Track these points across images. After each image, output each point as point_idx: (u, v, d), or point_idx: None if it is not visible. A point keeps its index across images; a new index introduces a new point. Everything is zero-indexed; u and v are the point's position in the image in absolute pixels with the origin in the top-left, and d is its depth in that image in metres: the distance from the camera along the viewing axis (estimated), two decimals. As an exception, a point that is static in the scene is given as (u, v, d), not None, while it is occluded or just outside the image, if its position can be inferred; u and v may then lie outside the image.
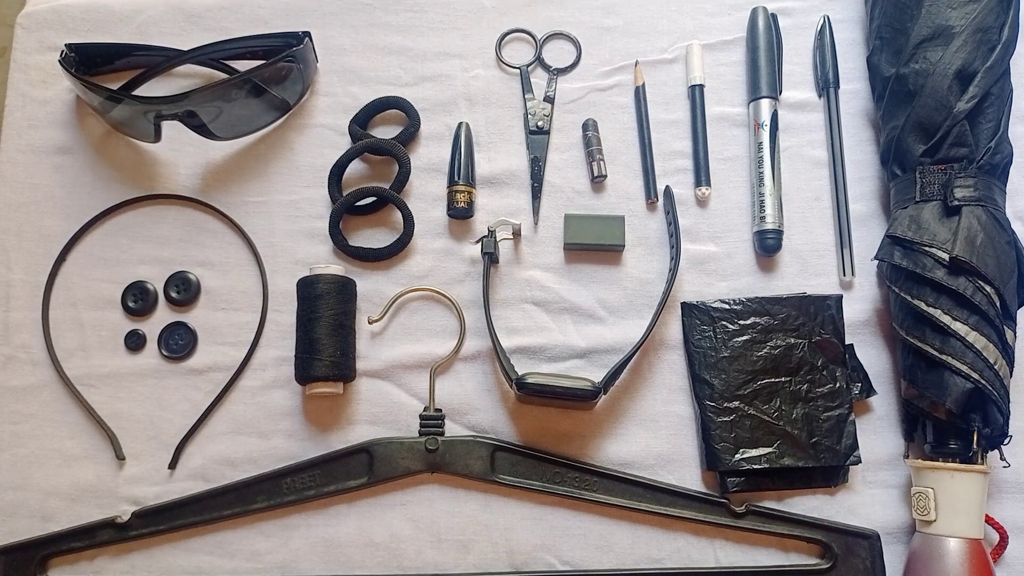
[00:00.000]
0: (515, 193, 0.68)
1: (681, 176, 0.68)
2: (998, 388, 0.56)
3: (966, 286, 0.56)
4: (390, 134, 0.69)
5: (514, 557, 0.61)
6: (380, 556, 0.61)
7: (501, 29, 0.72)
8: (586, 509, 0.62)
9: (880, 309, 0.65)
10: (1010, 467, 0.59)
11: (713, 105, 0.69)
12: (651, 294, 0.65)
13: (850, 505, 0.61)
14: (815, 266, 0.66)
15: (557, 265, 0.67)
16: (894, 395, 0.63)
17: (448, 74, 0.71)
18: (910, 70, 0.61)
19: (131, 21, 0.73)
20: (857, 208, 0.67)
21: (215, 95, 0.63)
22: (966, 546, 0.55)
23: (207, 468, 0.63)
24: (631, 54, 0.71)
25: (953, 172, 0.59)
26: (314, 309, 0.62)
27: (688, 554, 0.61)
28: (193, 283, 0.66)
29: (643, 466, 0.62)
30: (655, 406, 0.63)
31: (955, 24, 0.59)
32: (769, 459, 0.60)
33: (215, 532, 0.61)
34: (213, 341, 0.65)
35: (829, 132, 0.68)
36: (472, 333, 0.65)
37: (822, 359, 0.62)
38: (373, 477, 0.61)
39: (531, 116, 0.69)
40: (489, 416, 0.63)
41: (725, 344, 0.63)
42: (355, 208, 0.67)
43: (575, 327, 0.65)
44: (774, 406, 0.61)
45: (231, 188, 0.69)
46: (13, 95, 0.72)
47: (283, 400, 0.64)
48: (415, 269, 0.66)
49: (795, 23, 0.71)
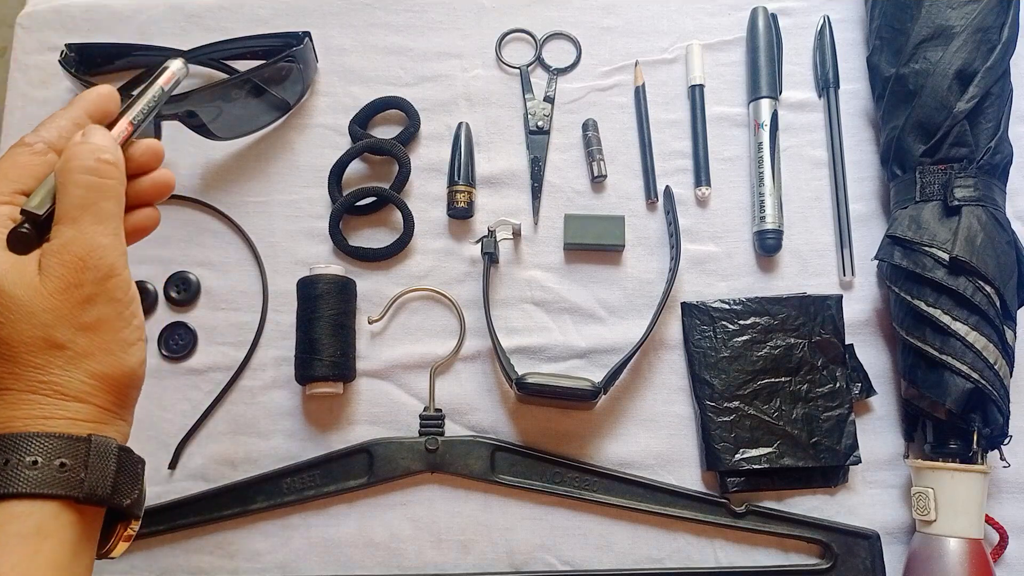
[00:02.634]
0: (515, 193, 0.68)
1: (681, 176, 0.68)
2: (998, 388, 0.56)
3: (966, 286, 0.56)
4: (390, 134, 0.69)
5: (514, 557, 0.61)
6: (380, 556, 0.61)
7: (501, 29, 0.72)
8: (586, 509, 0.62)
9: (880, 309, 0.65)
10: (1010, 467, 0.59)
11: (713, 105, 0.69)
12: (651, 294, 0.65)
13: (850, 505, 0.61)
14: (815, 266, 0.66)
15: (557, 265, 0.67)
16: (894, 395, 0.63)
17: (448, 74, 0.71)
18: (910, 70, 0.61)
19: (131, 21, 0.73)
20: (857, 208, 0.67)
21: (215, 95, 0.63)
22: (966, 546, 0.55)
23: (207, 468, 0.63)
24: (631, 54, 0.71)
25: (953, 172, 0.59)
26: (314, 309, 0.62)
27: (688, 554, 0.61)
28: (193, 283, 0.66)
29: (643, 466, 0.62)
30: (655, 406, 0.63)
31: (955, 24, 0.59)
32: (769, 459, 0.60)
33: (215, 532, 0.61)
34: (213, 341, 0.65)
35: (829, 132, 0.68)
36: (472, 333, 0.65)
37: (822, 359, 0.62)
38: (373, 477, 0.61)
39: (531, 116, 0.69)
40: (489, 416, 0.63)
41: (725, 344, 0.63)
42: (355, 208, 0.67)
43: (575, 327, 0.65)
44: (774, 406, 0.61)
45: (231, 188, 0.69)
46: (13, 95, 0.72)
47: (283, 400, 0.64)
48: (415, 269, 0.66)
49: (795, 23, 0.71)
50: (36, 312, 0.39)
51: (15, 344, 0.39)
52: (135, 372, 0.42)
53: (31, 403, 0.39)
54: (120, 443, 0.41)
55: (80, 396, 0.40)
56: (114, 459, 0.40)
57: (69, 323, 0.40)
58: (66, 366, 0.40)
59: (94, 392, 0.41)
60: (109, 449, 0.40)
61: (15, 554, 0.37)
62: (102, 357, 0.41)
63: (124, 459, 0.41)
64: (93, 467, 0.39)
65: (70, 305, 0.40)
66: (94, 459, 0.39)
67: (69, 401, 0.40)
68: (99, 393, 0.41)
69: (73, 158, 0.41)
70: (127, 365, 0.42)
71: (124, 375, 0.42)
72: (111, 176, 0.42)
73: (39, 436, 0.38)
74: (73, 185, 0.41)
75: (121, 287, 0.42)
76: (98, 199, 0.41)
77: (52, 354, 0.39)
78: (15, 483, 0.37)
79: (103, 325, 0.41)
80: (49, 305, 0.39)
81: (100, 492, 0.39)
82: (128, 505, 0.41)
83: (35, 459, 0.38)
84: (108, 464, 0.40)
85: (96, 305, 0.40)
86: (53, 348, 0.39)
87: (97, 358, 0.41)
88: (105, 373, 0.41)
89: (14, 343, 0.39)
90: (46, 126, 0.43)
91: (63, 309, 0.40)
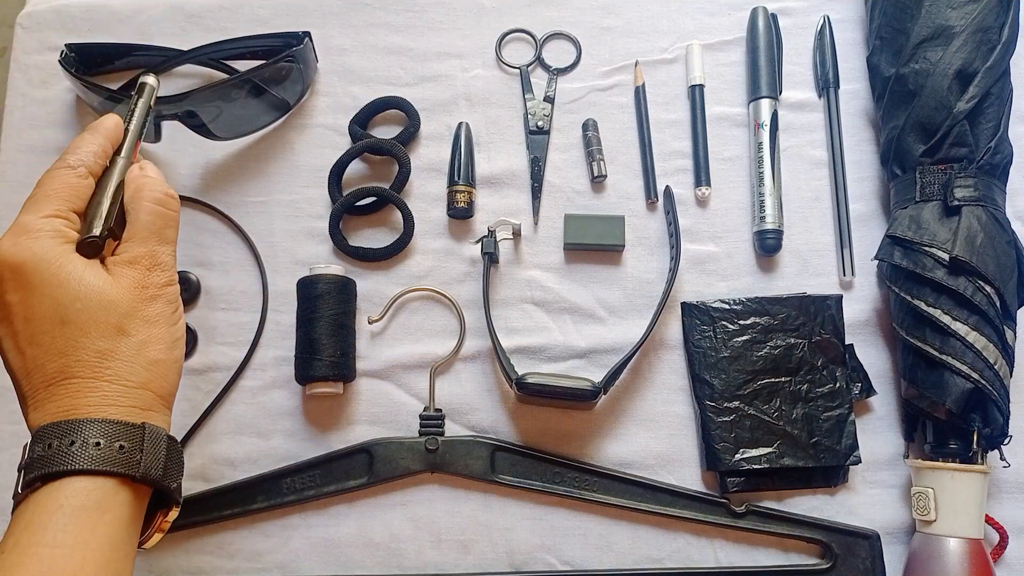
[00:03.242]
0: (515, 193, 0.68)
1: (681, 176, 0.68)
2: (998, 388, 0.56)
3: (966, 286, 0.56)
4: (390, 134, 0.69)
5: (514, 557, 0.61)
6: (380, 556, 0.61)
7: (501, 29, 0.72)
8: (586, 509, 0.62)
9: (880, 309, 0.65)
10: (1010, 467, 0.59)
11: (713, 105, 0.69)
12: (651, 294, 0.65)
13: (850, 505, 0.61)
14: (815, 266, 0.66)
15: (557, 265, 0.67)
16: (894, 395, 0.63)
17: (448, 74, 0.71)
18: (910, 70, 0.61)
19: (131, 21, 0.73)
20: (857, 208, 0.67)
21: (215, 95, 0.63)
22: (966, 546, 0.55)
23: (207, 468, 0.63)
24: (631, 54, 0.71)
25: (953, 172, 0.59)
26: (314, 309, 0.62)
27: (688, 554, 0.61)
28: (193, 283, 0.66)
29: (643, 466, 0.62)
30: (655, 406, 0.63)
31: (955, 24, 0.59)
32: (769, 459, 0.60)
33: (215, 532, 0.61)
34: (213, 341, 0.65)
35: (829, 132, 0.68)
36: (472, 333, 0.65)
37: (822, 359, 0.62)
38: (373, 477, 0.61)
39: (531, 116, 0.69)
40: (489, 416, 0.63)
41: (725, 344, 0.63)
42: (355, 208, 0.67)
43: (575, 327, 0.65)
44: (774, 406, 0.61)
45: (231, 188, 0.69)
46: (13, 95, 0.71)
47: (283, 400, 0.64)
48: (415, 269, 0.66)
49: (795, 23, 0.71)
50: (112, 300, 0.47)
51: (90, 328, 0.46)
52: (180, 361, 0.50)
53: (95, 390, 0.45)
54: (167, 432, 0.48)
55: (139, 383, 0.47)
56: (164, 445, 0.47)
57: (136, 314, 0.47)
58: (130, 353, 0.47)
59: (150, 380, 0.47)
60: (160, 436, 0.47)
61: (78, 526, 0.42)
62: (158, 346, 0.48)
63: (171, 446, 0.47)
64: (148, 451, 0.45)
65: (138, 300, 0.48)
66: (148, 444, 0.45)
67: (129, 388, 0.46)
68: (155, 380, 0.48)
69: (144, 188, 0.51)
70: (176, 355, 0.50)
71: (175, 361, 0.49)
72: (174, 209, 0.52)
73: (101, 422, 0.44)
74: (145, 213, 0.50)
75: (176, 293, 0.51)
76: (163, 226, 0.51)
77: (119, 340, 0.46)
78: (81, 460, 0.43)
79: (160, 320, 0.49)
80: (121, 297, 0.47)
81: (153, 473, 0.45)
82: (174, 489, 0.47)
83: (98, 441, 0.44)
84: (160, 449, 0.46)
85: (156, 303, 0.49)
86: (121, 334, 0.47)
87: (154, 347, 0.48)
88: (160, 359, 0.48)
89: (89, 327, 0.45)
90: (80, 151, 0.50)
91: (133, 302, 0.47)
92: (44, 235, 0.46)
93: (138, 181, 0.51)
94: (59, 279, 0.46)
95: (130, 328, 0.47)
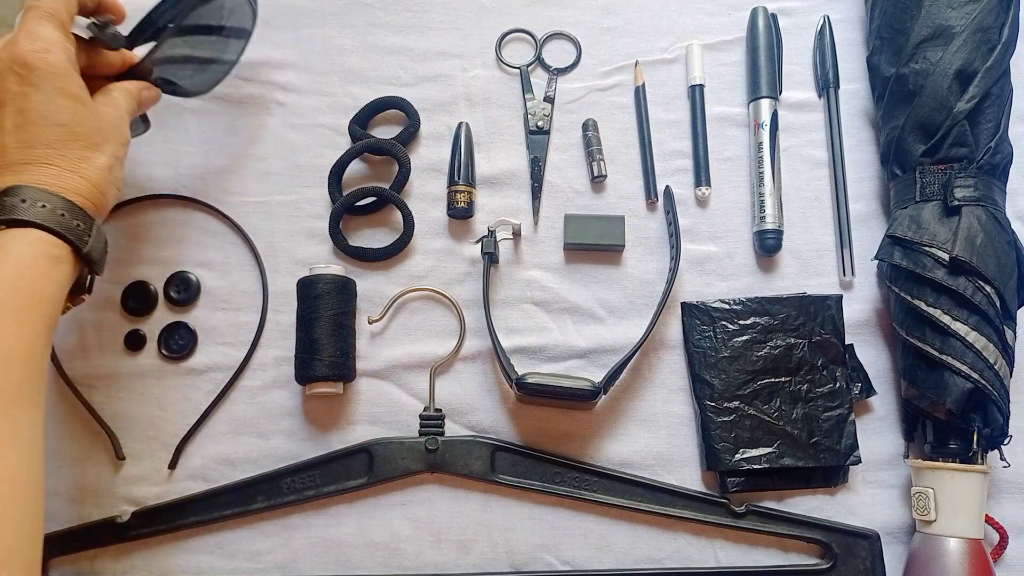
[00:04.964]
0: (515, 193, 0.68)
1: (681, 176, 0.68)
2: (998, 388, 0.56)
3: (966, 286, 0.56)
4: (390, 134, 0.69)
5: (514, 557, 0.61)
6: (380, 556, 0.61)
7: (501, 29, 0.72)
8: (586, 509, 0.62)
9: (880, 309, 0.65)
10: (1010, 467, 0.59)
11: (713, 105, 0.69)
12: (651, 294, 0.65)
13: (850, 505, 0.61)
14: (815, 266, 0.66)
15: (557, 265, 0.67)
16: (894, 395, 0.63)
17: (448, 74, 0.71)
18: (910, 70, 0.61)
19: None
20: (857, 208, 0.67)
21: (172, 49, 0.61)
22: (966, 546, 0.55)
23: (207, 468, 0.63)
24: (631, 54, 0.71)
25: (953, 172, 0.59)
26: (314, 309, 0.62)
27: (688, 554, 0.61)
28: (193, 283, 0.66)
29: (643, 466, 0.62)
30: (655, 406, 0.64)
31: (955, 24, 0.59)
32: (769, 459, 0.60)
33: (215, 532, 0.61)
34: (213, 341, 0.65)
35: (829, 132, 0.68)
36: (472, 333, 0.65)
37: (822, 359, 0.62)
38: (373, 477, 0.61)
39: (531, 116, 0.69)
40: (489, 416, 0.63)
41: (725, 344, 0.63)
42: (355, 208, 0.67)
43: (575, 327, 0.65)
44: (774, 406, 0.61)
45: (231, 188, 0.68)
46: (13, 95, 0.71)
47: (283, 400, 0.64)
48: (415, 269, 0.66)
49: (795, 23, 0.71)
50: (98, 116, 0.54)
51: (79, 137, 0.52)
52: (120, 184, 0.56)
53: (68, 178, 0.51)
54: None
55: (98, 186, 0.52)
56: (104, 243, 0.54)
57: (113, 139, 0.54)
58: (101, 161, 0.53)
59: (104, 185, 0.53)
60: (103, 234, 0.53)
61: (37, 271, 0.48)
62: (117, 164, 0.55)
63: (105, 248, 0.54)
64: (94, 237, 0.51)
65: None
66: (95, 233, 0.52)
67: (91, 186, 0.52)
68: (108, 188, 0.53)
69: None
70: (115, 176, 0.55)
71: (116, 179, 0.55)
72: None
73: (68, 201, 0.50)
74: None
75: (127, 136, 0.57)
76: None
77: (96, 151, 0.53)
78: (49, 220, 0.49)
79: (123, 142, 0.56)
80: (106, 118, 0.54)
81: (95, 255, 0.52)
82: (95, 279, 0.55)
83: (63, 213, 0.49)
84: (101, 243, 0.53)
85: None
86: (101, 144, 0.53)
87: (117, 168, 0.54)
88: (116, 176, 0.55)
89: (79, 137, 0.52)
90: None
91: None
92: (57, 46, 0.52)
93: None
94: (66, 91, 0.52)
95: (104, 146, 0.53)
